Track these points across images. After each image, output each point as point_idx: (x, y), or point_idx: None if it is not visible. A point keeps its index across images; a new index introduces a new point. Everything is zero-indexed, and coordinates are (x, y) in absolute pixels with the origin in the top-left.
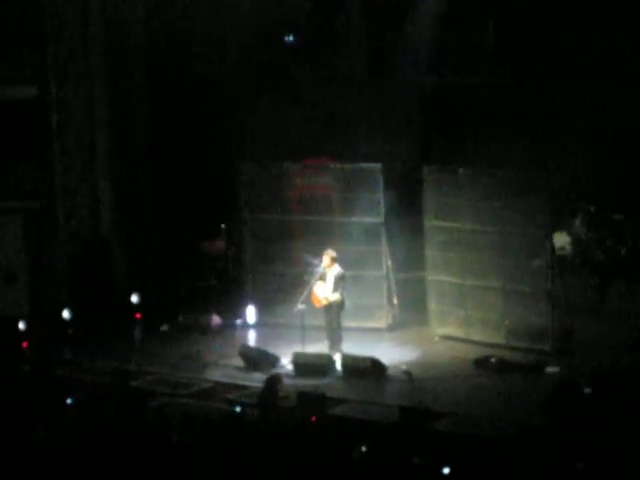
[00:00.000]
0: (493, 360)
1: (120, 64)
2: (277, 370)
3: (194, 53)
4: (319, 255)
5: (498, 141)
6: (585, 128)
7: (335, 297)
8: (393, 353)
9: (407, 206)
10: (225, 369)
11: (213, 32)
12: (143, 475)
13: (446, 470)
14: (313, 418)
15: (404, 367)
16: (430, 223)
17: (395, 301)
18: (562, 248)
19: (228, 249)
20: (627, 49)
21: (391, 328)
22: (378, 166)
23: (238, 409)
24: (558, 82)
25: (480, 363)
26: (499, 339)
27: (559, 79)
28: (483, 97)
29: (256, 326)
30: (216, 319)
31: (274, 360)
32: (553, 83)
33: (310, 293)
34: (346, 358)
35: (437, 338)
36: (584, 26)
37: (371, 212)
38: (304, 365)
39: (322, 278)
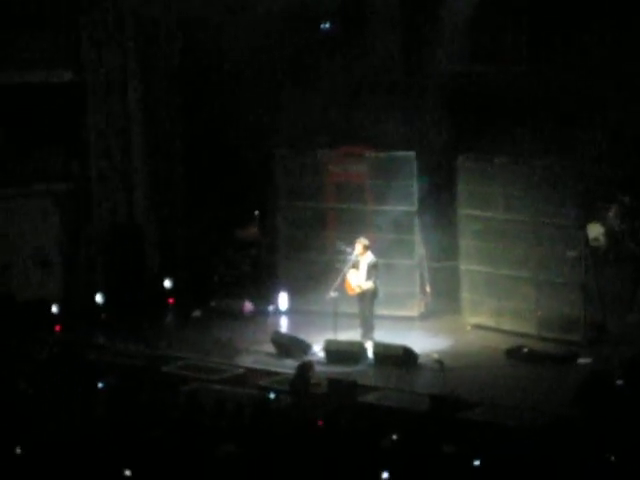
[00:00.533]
0: (525, 350)
1: (154, 48)
2: (309, 357)
3: (227, 37)
4: (352, 243)
5: (534, 130)
6: (621, 117)
7: (368, 285)
8: (425, 342)
9: (441, 195)
10: (257, 355)
11: (246, 19)
12: (175, 460)
13: (477, 462)
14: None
15: (436, 356)
16: (463, 212)
17: (428, 290)
18: (596, 239)
19: (261, 236)
20: None
21: (423, 317)
22: (412, 154)
23: (272, 395)
24: (589, 70)
25: (512, 353)
26: (531, 329)
27: (590, 67)
28: (520, 86)
29: (288, 313)
30: (248, 305)
31: (306, 347)
32: (585, 71)
33: (343, 281)
34: (378, 346)
35: (469, 327)
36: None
37: (405, 200)
38: (336, 352)
39: (355, 266)
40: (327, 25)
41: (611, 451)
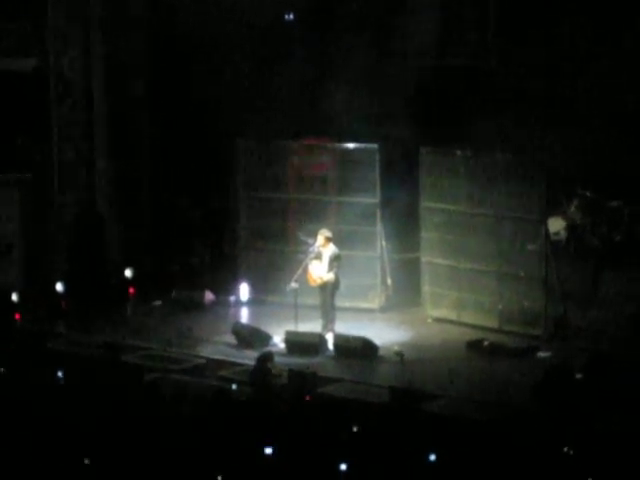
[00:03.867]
0: (485, 343)
1: (119, 35)
2: (269, 348)
3: (194, 24)
4: (314, 234)
5: (496, 124)
6: (584, 113)
7: (329, 277)
8: (386, 334)
9: (403, 187)
10: (217, 346)
11: (215, 5)
12: (133, 449)
13: (433, 456)
14: (306, 397)
15: (396, 348)
16: (426, 205)
17: (389, 282)
18: (557, 233)
19: (223, 225)
20: (626, 32)
21: (384, 309)
22: (375, 146)
23: (234, 386)
24: (558, 64)
25: (472, 346)
26: (492, 323)
27: (558, 61)
28: (482, 80)
29: (249, 303)
30: (209, 296)
31: (266, 338)
32: (552, 66)
33: (304, 272)
34: (339, 338)
35: (430, 320)
36: (584, 9)
37: (367, 192)
38: (296, 344)
39: (317, 257)
40: (291, 16)
41: (569, 445)
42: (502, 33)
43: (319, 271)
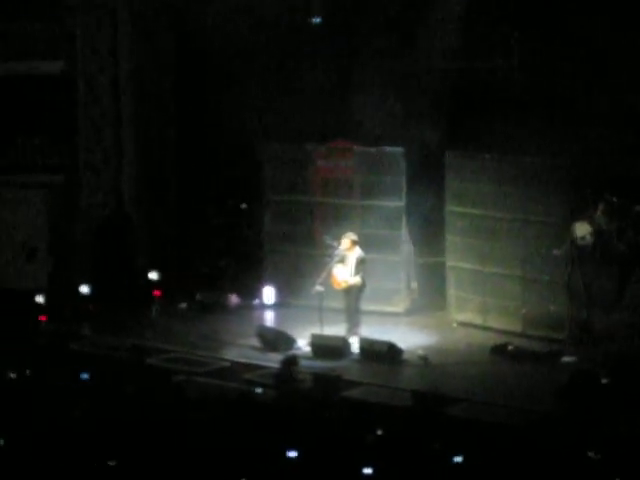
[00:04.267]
0: (510, 348)
1: (148, 37)
2: (294, 351)
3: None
4: (339, 238)
5: (523, 128)
6: (610, 115)
7: (355, 280)
8: (410, 338)
9: (429, 191)
10: (242, 349)
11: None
12: (157, 452)
13: (458, 458)
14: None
15: (421, 352)
16: (451, 209)
17: (414, 286)
18: (582, 238)
19: (249, 229)
20: None
21: (409, 313)
22: (401, 150)
23: (259, 390)
24: (582, 66)
25: (497, 350)
26: (517, 327)
27: (583, 63)
28: (509, 83)
29: (274, 307)
30: (234, 299)
31: (291, 341)
32: (577, 67)
33: (329, 275)
34: (363, 341)
35: (455, 324)
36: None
37: (393, 196)
38: (321, 347)
39: (342, 261)
40: (318, 19)
41: (595, 449)
42: (527, 34)
43: (344, 274)
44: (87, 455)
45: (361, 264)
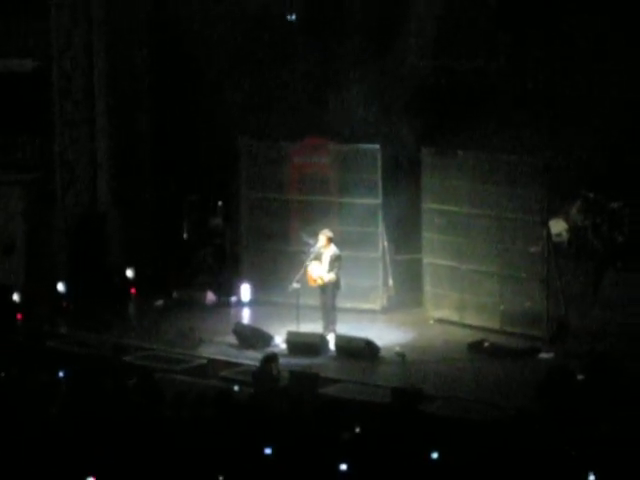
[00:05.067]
0: (487, 344)
1: (122, 34)
2: (271, 348)
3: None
4: (315, 235)
5: (498, 125)
6: (585, 114)
7: (330, 277)
8: (387, 335)
9: (405, 188)
10: (219, 346)
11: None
12: (134, 451)
13: (435, 455)
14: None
15: (398, 349)
16: (427, 206)
17: (390, 283)
18: (559, 235)
19: (225, 226)
20: (635, 29)
21: (386, 310)
22: (377, 147)
23: (236, 387)
24: (559, 65)
25: (474, 347)
26: (494, 324)
27: (560, 62)
28: (484, 81)
29: (251, 304)
30: (211, 296)
31: (268, 338)
32: (554, 66)
33: (305, 272)
34: (340, 338)
35: (432, 321)
36: (587, 9)
37: (369, 193)
38: (298, 344)
39: (318, 258)
40: (293, 16)
41: (571, 445)
42: (507, 32)
43: (319, 271)
44: (65, 453)
45: (336, 261)
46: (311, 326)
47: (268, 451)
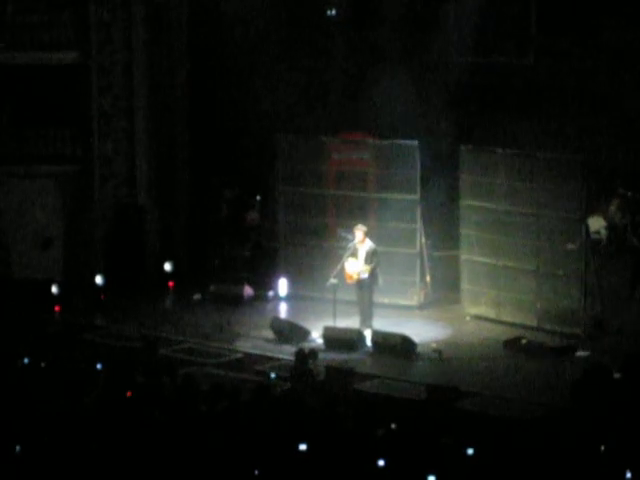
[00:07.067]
0: (523, 342)
1: (161, 30)
2: (307, 344)
3: (235, 18)
4: (352, 230)
5: (537, 123)
6: (624, 111)
7: (366, 271)
8: (424, 331)
9: (443, 184)
10: (255, 340)
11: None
12: (169, 443)
13: (470, 451)
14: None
15: (434, 345)
16: (465, 202)
17: (428, 279)
18: (597, 232)
19: (262, 221)
20: None
21: (423, 306)
22: (415, 143)
23: (272, 377)
24: (599, 63)
25: (510, 344)
26: (530, 321)
27: (600, 60)
28: (523, 78)
29: (287, 299)
30: (248, 290)
31: (305, 333)
32: (594, 64)
33: (342, 268)
34: (377, 334)
35: (468, 318)
36: (622, 10)
37: (407, 189)
38: (334, 339)
39: (354, 254)
40: (333, 12)
41: (607, 444)
42: (543, 29)
43: (355, 267)
44: (97, 443)
45: (373, 256)
46: (348, 321)
47: (303, 447)
